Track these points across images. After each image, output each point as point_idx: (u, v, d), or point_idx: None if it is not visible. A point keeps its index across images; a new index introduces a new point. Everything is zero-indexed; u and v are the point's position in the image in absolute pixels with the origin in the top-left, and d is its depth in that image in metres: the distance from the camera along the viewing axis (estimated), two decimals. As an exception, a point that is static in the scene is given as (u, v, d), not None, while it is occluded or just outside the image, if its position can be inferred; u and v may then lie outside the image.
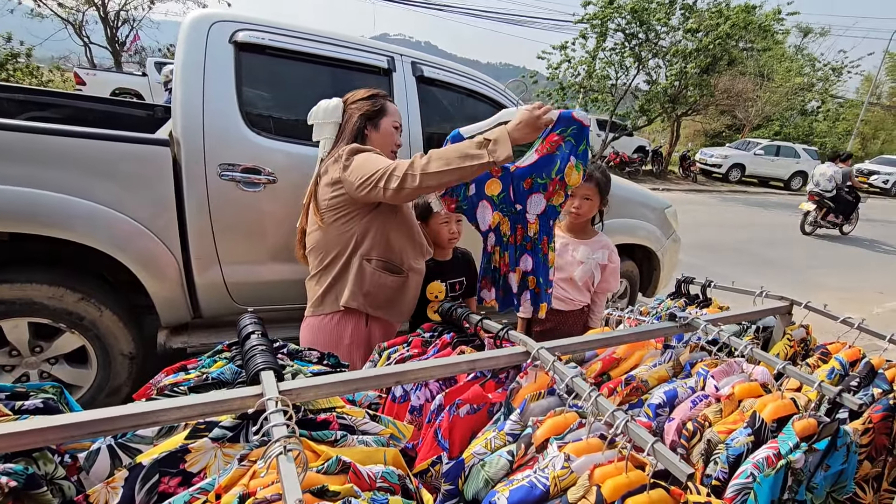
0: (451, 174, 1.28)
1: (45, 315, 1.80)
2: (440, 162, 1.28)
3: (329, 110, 1.58)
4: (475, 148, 1.28)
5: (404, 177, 1.30)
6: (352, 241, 1.51)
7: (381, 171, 1.35)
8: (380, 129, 1.61)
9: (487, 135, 1.29)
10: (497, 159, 1.25)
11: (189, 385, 0.88)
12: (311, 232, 1.58)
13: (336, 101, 1.60)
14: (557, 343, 1.02)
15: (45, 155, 1.65)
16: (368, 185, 1.37)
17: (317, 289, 1.57)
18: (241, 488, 0.61)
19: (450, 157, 1.28)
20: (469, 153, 1.27)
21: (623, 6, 12.25)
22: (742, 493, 0.83)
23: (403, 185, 1.30)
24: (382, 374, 0.84)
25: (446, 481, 0.79)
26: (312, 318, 1.59)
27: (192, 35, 1.87)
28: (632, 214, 3.09)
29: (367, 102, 1.60)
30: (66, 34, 14.71)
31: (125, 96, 11.20)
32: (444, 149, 1.33)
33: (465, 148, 1.29)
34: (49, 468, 0.68)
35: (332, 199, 1.49)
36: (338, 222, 1.50)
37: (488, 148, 1.26)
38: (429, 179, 1.29)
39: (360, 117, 1.58)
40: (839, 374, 1.20)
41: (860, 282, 5.98)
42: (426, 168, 1.28)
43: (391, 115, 1.64)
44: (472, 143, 1.29)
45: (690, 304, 1.66)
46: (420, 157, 1.32)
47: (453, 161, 1.27)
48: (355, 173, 1.41)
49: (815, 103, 23.81)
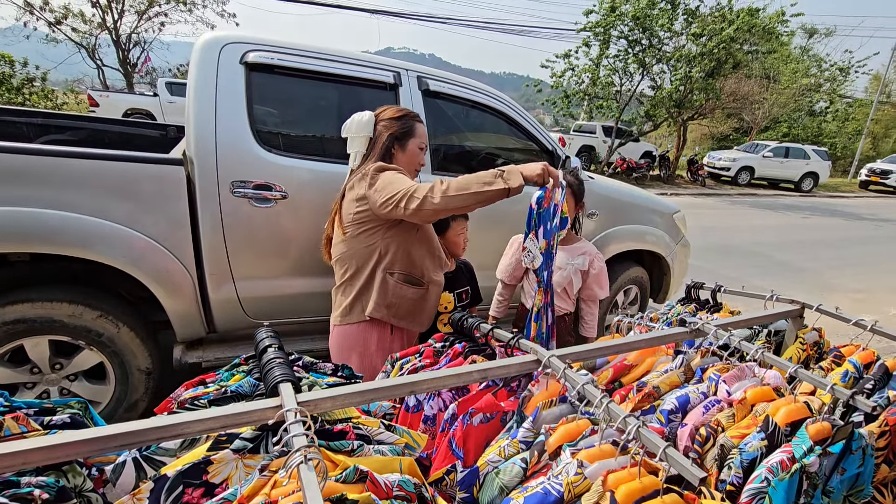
0: (469, 198, 1.40)
1: (64, 332, 1.85)
2: (458, 188, 1.39)
3: (362, 124, 1.67)
4: (490, 177, 1.39)
5: (424, 199, 1.40)
6: (375, 254, 1.60)
7: (402, 192, 1.44)
8: (406, 150, 1.70)
9: (502, 168, 1.42)
10: (511, 187, 1.38)
11: (209, 398, 0.91)
12: (337, 243, 1.67)
13: (368, 115, 1.68)
14: (568, 351, 1.03)
15: (64, 177, 1.70)
16: (390, 203, 1.46)
17: (343, 299, 1.67)
18: (263, 497, 0.63)
19: (468, 184, 1.39)
20: (486, 180, 1.39)
21: (625, 13, 12.32)
22: (757, 498, 0.83)
23: (422, 206, 1.41)
24: (396, 384, 0.86)
25: (461, 489, 0.80)
26: (341, 327, 1.68)
27: (204, 57, 1.93)
28: (640, 220, 3.09)
29: (397, 123, 1.68)
30: (80, 58, 15.11)
31: (137, 116, 11.44)
32: (463, 177, 1.43)
33: (481, 176, 1.40)
34: (78, 481, 0.71)
35: (357, 214, 1.58)
36: (361, 235, 1.60)
37: (503, 177, 1.39)
38: (447, 203, 1.40)
39: (388, 136, 1.67)
40: (853, 377, 1.20)
41: (874, 283, 5.89)
42: (445, 192, 1.39)
43: (419, 136, 1.72)
44: (488, 173, 1.40)
45: (701, 309, 1.66)
46: (441, 183, 1.42)
47: (472, 186, 1.39)
48: (380, 191, 1.50)
49: (823, 104, 23.62)
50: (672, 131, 18.25)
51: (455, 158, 2.68)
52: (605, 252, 2.93)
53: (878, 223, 11.17)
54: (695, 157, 15.83)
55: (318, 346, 2.22)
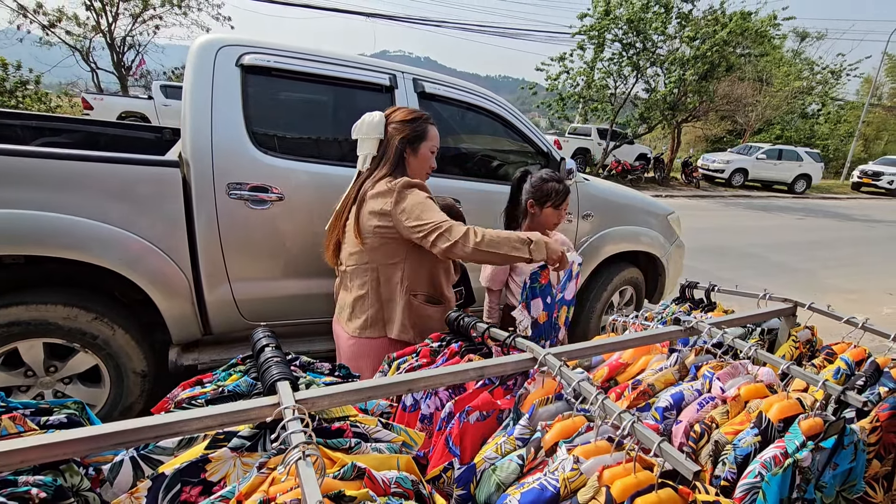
0: (495, 258, 1.46)
1: (59, 335, 1.84)
2: (490, 244, 1.44)
3: (373, 125, 1.62)
4: (520, 243, 1.46)
5: (454, 244, 1.43)
6: (398, 275, 1.59)
7: (433, 226, 1.45)
8: (418, 154, 1.66)
9: (531, 235, 1.49)
10: (535, 259, 1.46)
11: (206, 398, 0.91)
12: (353, 252, 1.62)
13: (379, 115, 1.63)
14: (564, 349, 1.04)
15: (60, 179, 1.70)
16: (418, 232, 1.47)
17: (365, 312, 1.62)
18: (262, 494, 0.63)
19: (499, 244, 1.45)
20: (516, 246, 1.46)
21: (619, 17, 12.41)
22: (751, 493, 0.84)
23: (452, 250, 1.44)
24: (393, 382, 0.86)
25: (458, 486, 0.81)
26: (360, 340, 1.63)
27: (200, 59, 1.93)
28: (634, 221, 3.11)
29: (409, 126, 1.63)
30: (74, 61, 15.06)
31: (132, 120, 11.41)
32: (496, 234, 1.47)
33: (512, 240, 1.46)
34: (75, 480, 0.71)
35: (378, 227, 1.54)
36: (382, 248, 1.57)
37: (530, 247, 1.46)
38: (475, 255, 1.45)
39: (401, 140, 1.62)
40: (845, 374, 1.21)
41: (867, 283, 5.94)
42: (478, 246, 1.43)
43: (431, 139, 1.68)
44: (518, 239, 1.47)
45: (695, 309, 1.67)
46: (473, 232, 1.45)
47: (502, 247, 1.44)
48: (408, 215, 1.48)
49: (815, 106, 23.85)
50: (666, 134, 18.38)
51: (451, 160, 2.69)
52: (600, 253, 2.95)
53: (871, 224, 11.28)
54: (689, 160, 15.94)
55: (315, 348, 2.22)
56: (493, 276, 1.98)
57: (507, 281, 2.01)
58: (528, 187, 1.94)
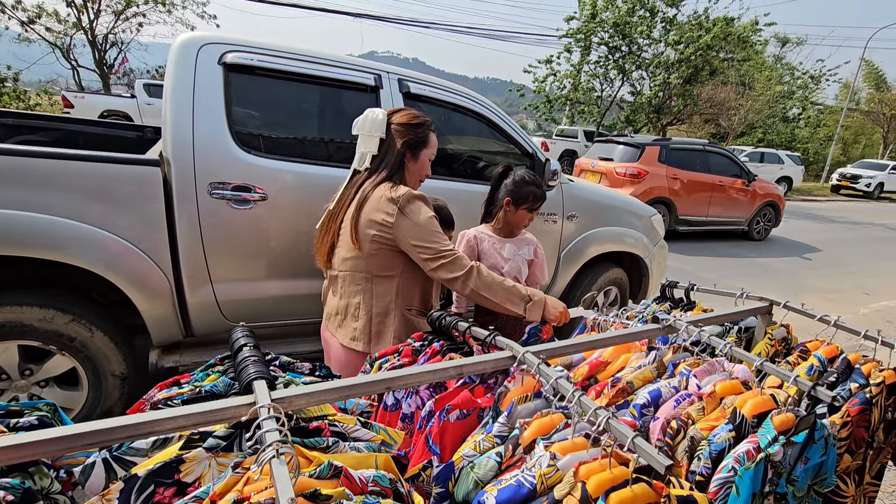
0: (490, 304, 1.49)
1: (34, 337, 1.80)
2: (489, 290, 1.48)
3: (376, 123, 1.57)
4: (518, 299, 1.48)
5: (455, 278, 1.46)
6: (393, 290, 1.57)
7: (435, 251, 1.46)
8: (418, 160, 1.64)
9: (532, 293, 1.51)
10: (528, 318, 1.48)
11: (182, 399, 0.90)
12: (347, 257, 1.57)
13: (382, 114, 1.58)
14: (543, 347, 1.05)
15: (35, 178, 1.66)
16: (421, 254, 1.47)
17: (356, 323, 1.58)
18: (236, 494, 0.62)
19: (497, 293, 1.48)
20: (513, 300, 1.48)
21: (605, 21, 12.58)
22: (725, 487, 0.86)
23: (451, 282, 1.47)
24: (372, 380, 0.86)
25: (437, 484, 0.81)
26: (350, 351, 1.59)
27: (181, 57, 1.91)
28: (619, 222, 3.15)
29: (412, 131, 1.60)
30: (54, 58, 14.76)
31: (114, 118, 11.22)
32: (497, 281, 1.49)
33: (512, 294, 1.49)
34: (45, 483, 0.70)
35: (377, 236, 1.50)
36: (378, 256, 1.53)
37: (527, 305, 1.48)
38: (472, 295, 1.49)
39: (403, 144, 1.58)
40: (818, 371, 1.24)
41: (846, 283, 6.08)
42: (478, 288, 1.47)
43: (431, 146, 1.66)
44: (517, 294, 1.49)
45: (675, 308, 1.69)
46: (475, 273, 1.47)
47: (499, 296, 1.48)
48: (412, 234, 1.47)
49: (796, 110, 24.38)
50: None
51: (437, 161, 2.68)
52: (585, 253, 2.98)
53: (850, 226, 11.54)
54: (674, 162, 16.13)
55: (298, 349, 2.20)
56: None
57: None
58: (508, 184, 1.96)
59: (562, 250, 2.91)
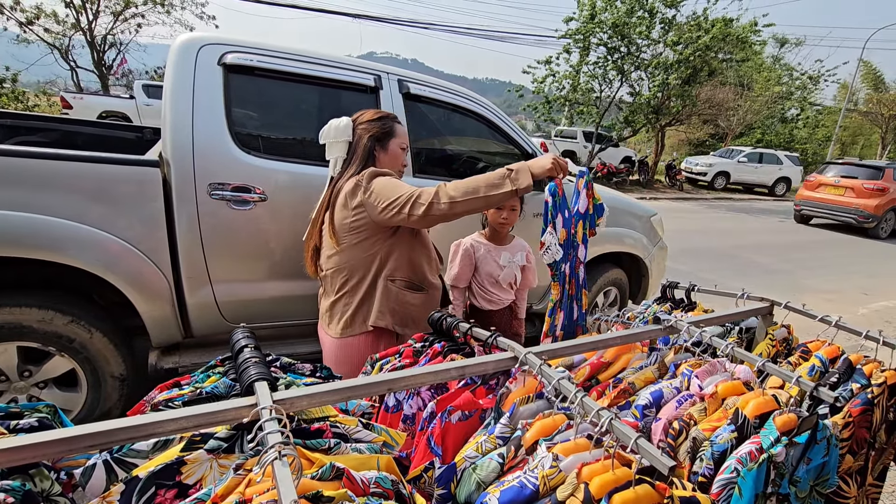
0: (477, 202, 1.41)
1: (34, 339, 1.79)
2: (467, 191, 1.39)
3: (340, 129, 1.63)
4: (498, 178, 1.39)
5: (430, 205, 1.39)
6: (375, 263, 1.56)
7: (405, 197, 1.42)
8: (388, 150, 1.66)
9: (511, 165, 1.43)
10: (519, 188, 1.39)
11: (183, 400, 0.89)
12: (330, 255, 1.61)
13: (346, 120, 1.64)
14: (545, 348, 1.04)
15: (34, 179, 1.66)
16: (392, 209, 1.44)
17: (345, 310, 1.60)
18: (237, 496, 0.62)
19: (477, 187, 1.39)
20: (494, 182, 1.40)
21: (604, 21, 12.57)
22: (727, 488, 0.85)
23: (429, 211, 1.40)
24: (373, 381, 0.86)
25: (439, 486, 0.80)
26: (342, 339, 1.60)
27: (181, 58, 1.91)
28: (618, 223, 3.14)
29: (376, 124, 1.64)
30: (53, 59, 14.73)
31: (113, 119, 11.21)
32: (470, 179, 1.43)
33: (490, 178, 1.41)
34: (45, 485, 0.69)
35: (353, 223, 1.53)
36: (359, 245, 1.55)
37: (510, 177, 1.38)
38: (454, 207, 1.40)
39: (369, 138, 1.63)
40: (819, 371, 1.24)
41: (845, 284, 6.09)
42: (453, 198, 1.39)
43: (399, 136, 1.69)
44: (496, 174, 1.41)
45: (676, 308, 1.69)
46: (445, 186, 1.41)
47: (480, 190, 1.39)
48: (378, 197, 1.47)
49: (794, 111, 24.42)
50: (651, 137, 18.62)
51: (436, 161, 2.70)
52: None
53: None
54: (673, 163, 16.18)
55: (298, 350, 2.20)
56: (458, 274, 2.04)
57: (470, 281, 2.05)
58: None
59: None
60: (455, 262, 2.05)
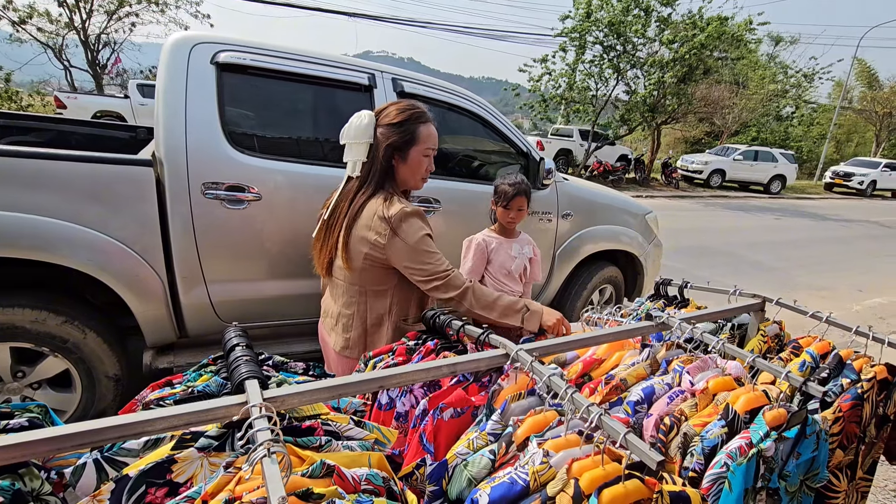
0: (487, 319, 1.50)
1: (27, 339, 1.79)
2: (485, 306, 1.49)
3: (361, 129, 1.49)
4: (514, 311, 1.50)
5: (451, 298, 1.47)
6: (386, 303, 1.56)
7: (431, 273, 1.46)
8: (408, 160, 1.53)
9: (529, 304, 1.52)
10: (524, 327, 1.49)
11: (174, 399, 0.89)
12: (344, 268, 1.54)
13: (368, 118, 1.50)
14: (536, 345, 1.05)
15: (26, 178, 1.65)
16: (415, 274, 1.47)
17: (345, 330, 1.57)
18: (227, 493, 0.62)
19: (493, 309, 1.50)
20: (509, 312, 1.50)
21: (600, 20, 12.59)
22: (717, 483, 0.86)
23: (448, 302, 1.48)
24: (364, 379, 0.86)
25: (430, 482, 0.81)
26: (347, 359, 1.58)
27: (173, 57, 1.90)
28: (614, 221, 3.16)
29: (395, 130, 1.50)
30: (46, 58, 14.65)
31: (107, 119, 11.16)
32: (492, 295, 1.51)
33: (509, 306, 1.50)
34: (35, 484, 0.69)
35: (368, 257, 1.47)
36: (371, 273, 1.51)
37: (524, 315, 1.49)
38: (469, 313, 1.50)
39: (386, 148, 1.50)
40: (810, 367, 1.25)
41: (838, 281, 6.12)
42: (473, 306, 1.48)
43: (422, 142, 1.53)
44: (514, 306, 1.51)
45: (669, 305, 1.70)
46: (472, 292, 1.48)
47: (496, 311, 1.50)
48: (405, 254, 1.44)
49: (789, 109, 24.52)
50: (647, 135, 18.68)
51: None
52: (580, 252, 2.99)
53: (843, 223, 11.62)
54: (669, 161, 16.22)
55: (293, 350, 2.20)
56: (472, 268, 2.05)
57: (483, 275, 2.06)
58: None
59: (557, 249, 2.91)
60: (468, 257, 2.07)
